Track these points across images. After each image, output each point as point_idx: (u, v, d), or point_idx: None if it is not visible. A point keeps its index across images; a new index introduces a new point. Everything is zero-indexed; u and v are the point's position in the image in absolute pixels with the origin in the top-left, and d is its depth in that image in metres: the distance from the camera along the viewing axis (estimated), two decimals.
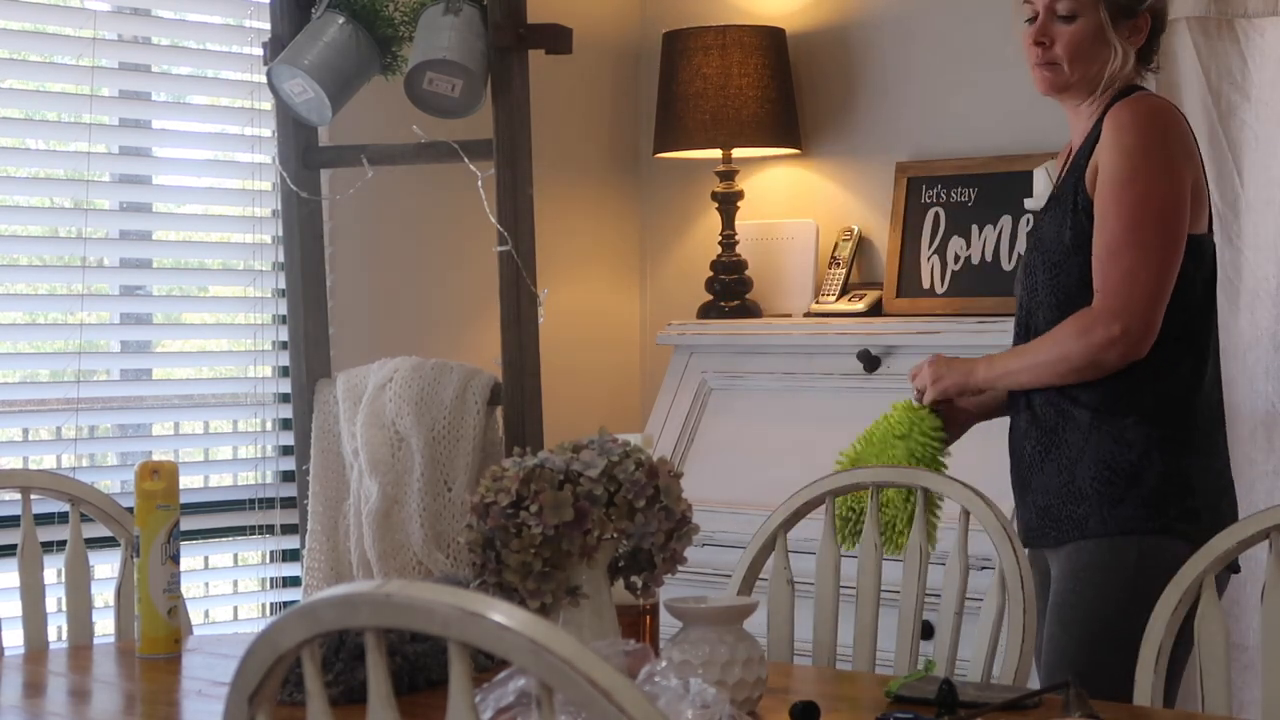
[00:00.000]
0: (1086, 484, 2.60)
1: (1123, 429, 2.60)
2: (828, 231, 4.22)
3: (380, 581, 1.20)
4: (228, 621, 3.98)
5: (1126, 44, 2.68)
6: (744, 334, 4.04)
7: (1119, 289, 2.56)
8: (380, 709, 1.23)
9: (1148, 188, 2.58)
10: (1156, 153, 2.59)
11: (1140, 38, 2.70)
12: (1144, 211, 2.57)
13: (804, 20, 4.31)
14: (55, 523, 3.22)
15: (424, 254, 4.18)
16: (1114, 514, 2.58)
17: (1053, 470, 2.66)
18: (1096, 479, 2.60)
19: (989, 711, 1.99)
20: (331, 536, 3.44)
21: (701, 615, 2.02)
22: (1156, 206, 2.58)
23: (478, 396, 3.38)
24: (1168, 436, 2.60)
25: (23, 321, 3.77)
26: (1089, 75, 2.68)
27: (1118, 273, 2.56)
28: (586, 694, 1.12)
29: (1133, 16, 2.69)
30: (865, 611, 2.53)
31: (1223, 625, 2.20)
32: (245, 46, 3.92)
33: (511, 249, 3.33)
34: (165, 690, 2.35)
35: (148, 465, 2.49)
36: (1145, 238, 2.56)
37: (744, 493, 3.74)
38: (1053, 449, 2.66)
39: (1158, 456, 2.59)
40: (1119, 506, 2.58)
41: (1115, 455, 2.60)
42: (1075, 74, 2.68)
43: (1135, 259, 2.56)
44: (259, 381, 3.93)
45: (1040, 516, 2.67)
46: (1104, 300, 2.57)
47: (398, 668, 2.07)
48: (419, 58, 3.32)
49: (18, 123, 3.71)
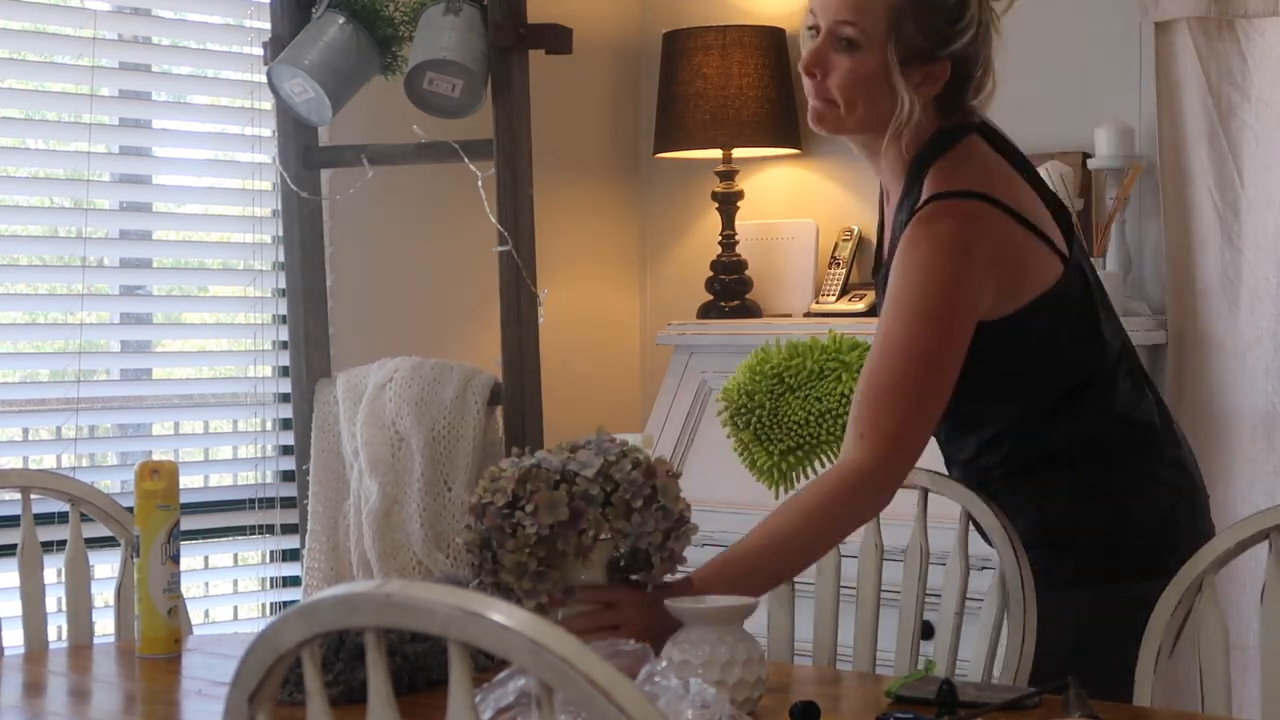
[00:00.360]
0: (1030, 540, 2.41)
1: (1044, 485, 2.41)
2: (828, 231, 4.22)
3: (380, 581, 1.20)
4: (228, 621, 3.98)
5: (915, 93, 2.28)
6: (744, 334, 4.04)
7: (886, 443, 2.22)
8: (380, 709, 1.23)
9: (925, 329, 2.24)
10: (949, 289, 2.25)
11: (935, 86, 2.30)
12: (915, 358, 2.23)
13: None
14: (55, 523, 3.22)
15: (424, 254, 4.18)
16: (1060, 566, 2.39)
17: None
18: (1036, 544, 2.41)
19: (989, 711, 1.99)
20: (331, 536, 3.45)
21: (701, 615, 2.02)
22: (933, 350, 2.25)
23: (478, 396, 3.38)
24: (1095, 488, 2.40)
25: (23, 321, 3.77)
26: (868, 122, 2.31)
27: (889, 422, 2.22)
28: (586, 694, 1.12)
29: (929, 62, 2.29)
30: (865, 611, 2.53)
31: (1222, 625, 2.20)
32: (245, 46, 3.93)
33: (511, 249, 3.33)
34: (165, 690, 2.35)
35: (148, 465, 2.49)
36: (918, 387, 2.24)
37: (744, 493, 3.73)
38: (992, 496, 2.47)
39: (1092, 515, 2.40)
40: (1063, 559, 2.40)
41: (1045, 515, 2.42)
42: (850, 118, 2.31)
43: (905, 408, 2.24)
44: (259, 381, 3.93)
45: None
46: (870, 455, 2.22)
47: (398, 668, 2.07)
48: (419, 58, 3.32)
49: (18, 123, 3.71)
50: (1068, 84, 3.81)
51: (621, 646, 1.94)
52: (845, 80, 2.29)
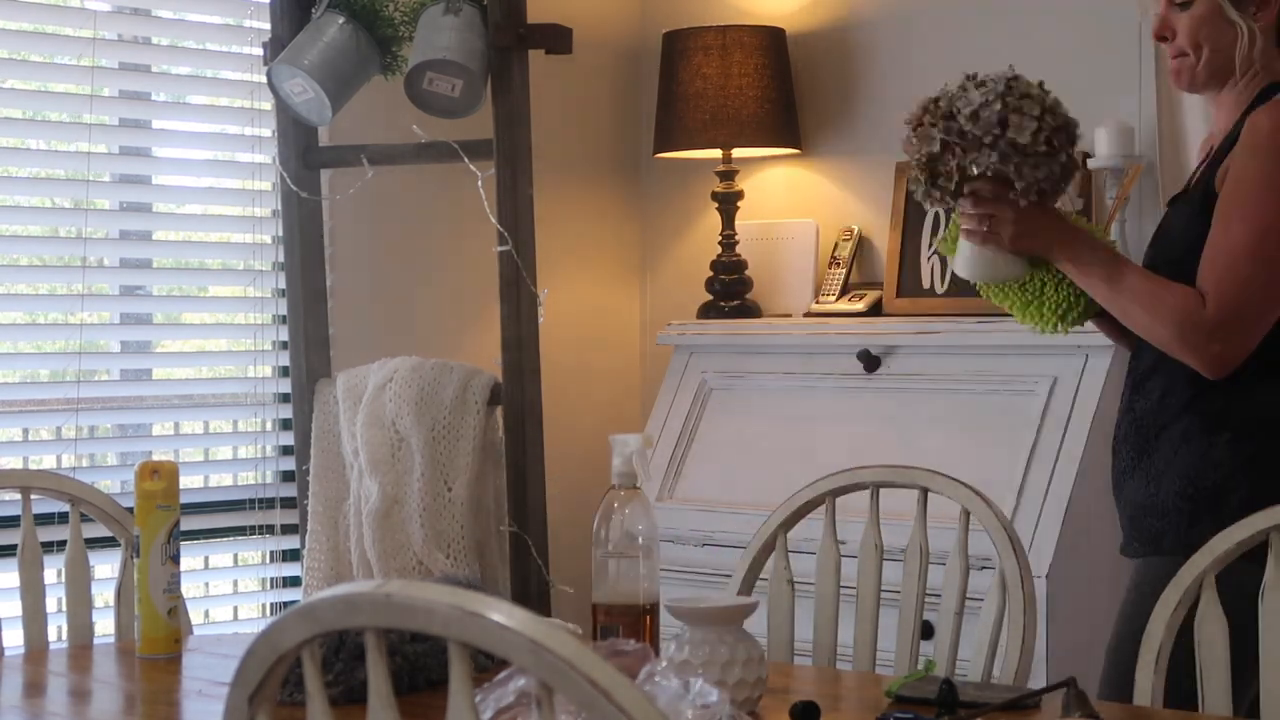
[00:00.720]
0: (1169, 500, 2.49)
1: (1211, 446, 2.48)
2: (828, 231, 4.22)
3: (380, 581, 1.20)
4: (228, 621, 3.98)
5: (1253, 20, 2.50)
6: (744, 334, 4.04)
7: (1231, 304, 2.41)
8: (380, 709, 1.23)
9: (1277, 202, 2.42)
10: None
11: (1271, 12, 2.51)
12: (1270, 225, 2.41)
13: (804, 20, 4.31)
14: (55, 523, 3.22)
15: (424, 254, 4.18)
16: (1190, 533, 2.44)
17: (1141, 480, 2.55)
18: (1180, 495, 2.49)
19: (989, 711, 1.99)
20: (331, 536, 3.44)
21: (701, 615, 2.02)
22: None
23: (478, 396, 3.38)
24: (1257, 457, 2.47)
25: (23, 321, 3.77)
26: (1216, 63, 2.52)
27: (1234, 285, 2.41)
28: (586, 694, 1.12)
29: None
30: (865, 611, 2.53)
31: (1223, 625, 2.20)
32: (245, 46, 3.93)
33: (511, 249, 3.33)
34: (165, 690, 2.35)
35: (148, 465, 2.49)
36: (1268, 254, 2.41)
37: (744, 493, 3.74)
38: (1144, 458, 2.56)
39: (1243, 479, 2.46)
40: (1195, 527, 2.44)
41: (1201, 474, 2.48)
42: (1201, 67, 2.53)
43: (1253, 274, 2.41)
44: (259, 381, 3.94)
45: (1127, 526, 2.59)
46: (1215, 312, 2.42)
47: (398, 668, 2.07)
48: (419, 58, 3.32)
49: (18, 123, 3.71)
50: (1068, 84, 3.80)
51: (621, 646, 1.94)
52: (1188, 30, 2.52)
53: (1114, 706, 2.09)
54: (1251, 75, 2.54)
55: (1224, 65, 2.52)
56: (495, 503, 3.37)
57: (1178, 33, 2.54)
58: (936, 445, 3.50)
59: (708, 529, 3.76)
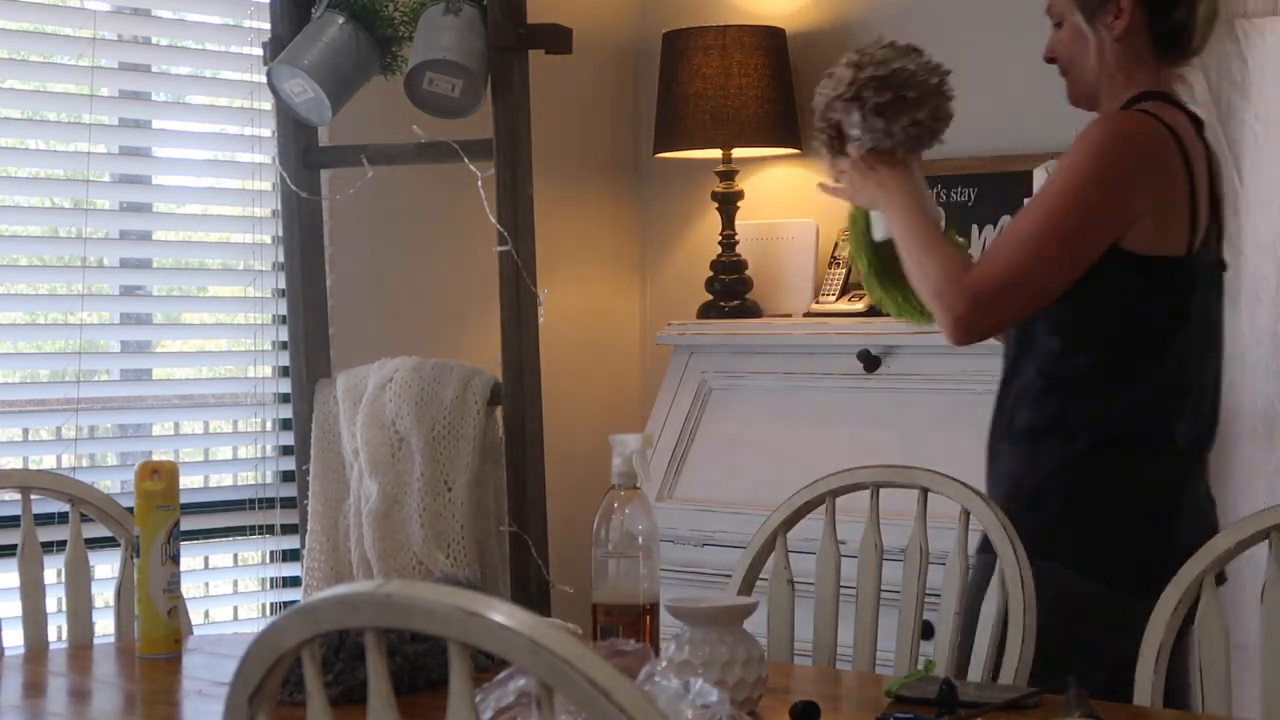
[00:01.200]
0: (1000, 502, 2.50)
1: (1038, 449, 2.54)
2: (828, 231, 4.22)
3: (380, 581, 1.20)
4: (228, 621, 3.98)
5: (1106, 30, 2.55)
6: (744, 334, 4.04)
7: (992, 276, 2.47)
8: (380, 709, 1.23)
9: (1072, 202, 2.45)
10: (1105, 169, 2.46)
11: (1123, 20, 2.54)
12: (1055, 229, 2.46)
13: (804, 20, 4.31)
14: (55, 523, 3.22)
15: (424, 254, 4.18)
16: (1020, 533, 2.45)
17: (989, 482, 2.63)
18: (1007, 496, 2.54)
19: (989, 711, 1.99)
20: (331, 536, 3.44)
21: (701, 615, 2.02)
22: (1073, 224, 2.46)
23: (478, 396, 3.38)
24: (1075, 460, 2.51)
25: (23, 321, 3.77)
26: (1085, 76, 2.59)
27: (1002, 263, 2.48)
28: (586, 694, 1.12)
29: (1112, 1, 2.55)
30: (865, 611, 2.53)
31: (1223, 625, 2.20)
32: (245, 46, 3.93)
33: (511, 249, 3.33)
34: (165, 690, 2.36)
35: (148, 465, 2.49)
36: (1046, 252, 2.46)
37: (744, 493, 3.74)
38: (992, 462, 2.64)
39: (1060, 481, 2.52)
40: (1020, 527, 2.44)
41: (1023, 475, 2.55)
42: (1072, 82, 2.61)
43: (1024, 263, 2.46)
44: (259, 381, 3.94)
45: None
46: (975, 278, 2.48)
47: (398, 668, 2.07)
48: (419, 58, 3.32)
49: (18, 123, 3.71)
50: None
51: (621, 646, 1.94)
52: (1060, 49, 2.61)
53: (1114, 706, 2.09)
54: (1119, 86, 2.57)
55: (1091, 79, 2.59)
56: (495, 503, 3.37)
57: (1058, 54, 2.62)
58: (936, 445, 3.50)
59: (708, 529, 3.76)
